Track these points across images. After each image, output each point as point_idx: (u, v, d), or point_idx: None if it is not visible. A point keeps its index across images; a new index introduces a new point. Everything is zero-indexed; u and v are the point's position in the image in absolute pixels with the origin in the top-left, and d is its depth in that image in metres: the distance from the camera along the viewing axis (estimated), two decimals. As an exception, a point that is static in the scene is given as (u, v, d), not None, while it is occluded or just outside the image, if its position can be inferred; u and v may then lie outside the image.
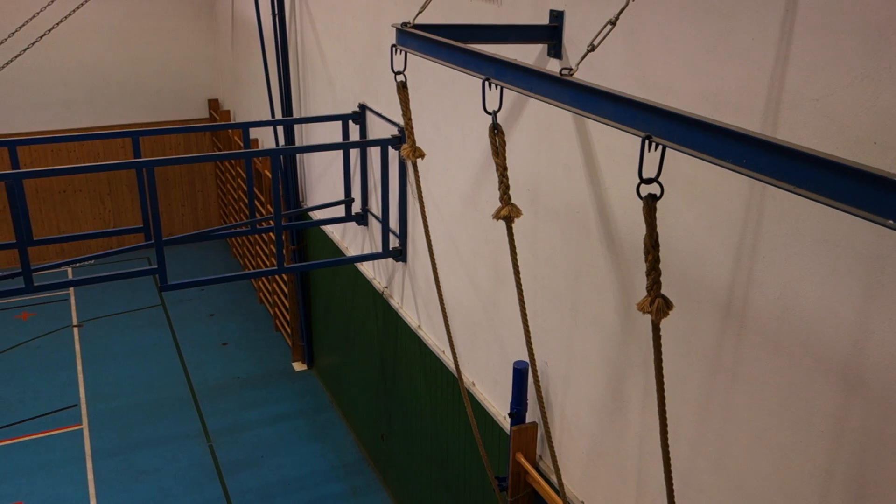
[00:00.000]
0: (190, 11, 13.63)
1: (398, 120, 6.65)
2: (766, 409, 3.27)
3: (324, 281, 9.62)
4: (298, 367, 10.88)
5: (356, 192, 7.95)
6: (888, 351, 2.71)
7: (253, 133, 11.68)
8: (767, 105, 3.02)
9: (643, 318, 3.86)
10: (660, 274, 2.42)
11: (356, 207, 8.01)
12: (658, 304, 2.42)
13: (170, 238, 6.86)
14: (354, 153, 7.79)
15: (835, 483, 3.01)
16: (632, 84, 3.71)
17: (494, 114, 3.21)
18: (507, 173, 3.33)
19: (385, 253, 7.10)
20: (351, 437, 9.41)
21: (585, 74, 3.21)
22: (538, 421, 5.07)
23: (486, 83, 3.19)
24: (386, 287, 7.63)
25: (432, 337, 6.68)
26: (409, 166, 6.57)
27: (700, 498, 3.75)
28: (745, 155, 2.07)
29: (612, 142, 3.93)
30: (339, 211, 8.18)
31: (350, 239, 8.51)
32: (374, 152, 7.28)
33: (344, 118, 7.61)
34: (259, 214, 11.38)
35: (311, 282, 10.12)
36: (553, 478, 4.84)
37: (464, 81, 5.26)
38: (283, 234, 6.74)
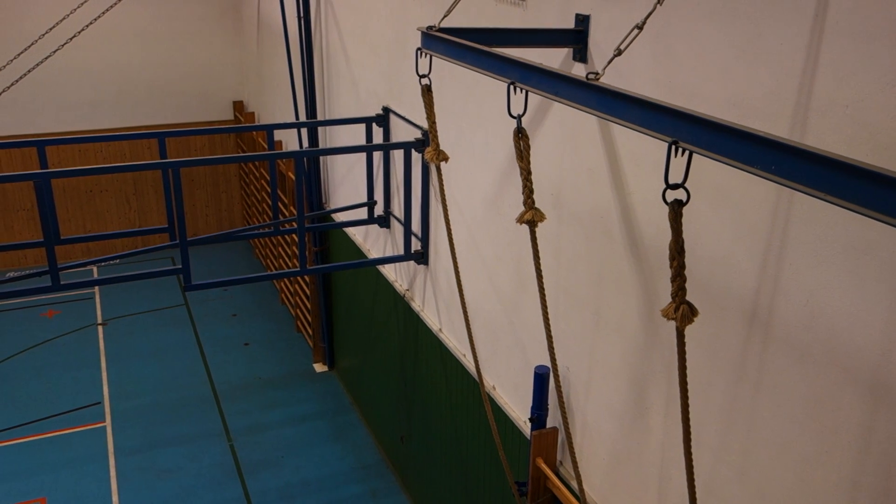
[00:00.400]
0: (216, 15, 13.76)
1: (422, 123, 6.66)
2: (792, 419, 3.23)
3: (345, 283, 9.66)
4: (319, 368, 10.92)
5: (379, 195, 7.97)
6: (918, 361, 2.67)
7: (277, 135, 11.77)
8: (796, 111, 2.99)
9: (667, 324, 3.83)
10: (685, 280, 2.40)
11: (378, 210, 8.03)
12: (683, 311, 2.41)
13: (194, 238, 6.92)
14: (377, 156, 7.81)
15: (861, 494, 2.96)
16: (658, 89, 3.69)
17: (519, 118, 3.21)
18: (531, 177, 3.32)
19: (407, 256, 7.11)
20: (371, 439, 9.43)
21: (611, 79, 3.19)
22: (559, 426, 5.04)
23: (511, 87, 3.19)
24: (407, 290, 7.64)
25: (453, 340, 6.68)
26: (432, 169, 6.58)
27: (723, 507, 3.71)
28: (775, 161, 2.05)
29: (636, 146, 3.91)
30: (362, 213, 8.21)
31: (372, 241, 8.54)
32: (398, 155, 7.30)
33: (368, 121, 7.64)
34: (282, 216, 11.44)
35: (332, 283, 10.16)
36: (573, 483, 4.81)
37: (487, 85, 5.26)
38: (305, 236, 6.76)
